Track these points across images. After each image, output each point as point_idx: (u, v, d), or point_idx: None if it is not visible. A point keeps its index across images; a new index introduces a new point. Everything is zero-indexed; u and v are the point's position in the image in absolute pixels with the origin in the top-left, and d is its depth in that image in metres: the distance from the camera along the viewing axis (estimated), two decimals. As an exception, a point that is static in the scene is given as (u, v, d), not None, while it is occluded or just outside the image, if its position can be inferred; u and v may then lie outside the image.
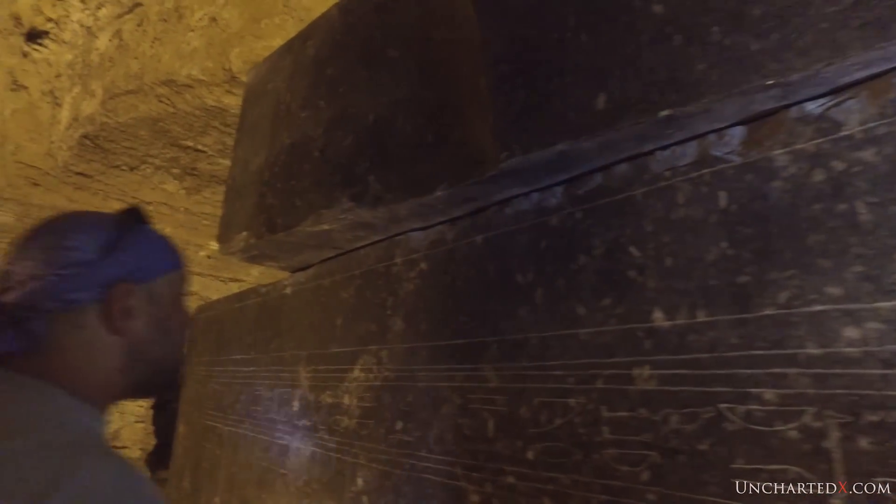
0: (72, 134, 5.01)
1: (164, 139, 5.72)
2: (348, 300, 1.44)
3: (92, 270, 0.64)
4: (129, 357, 0.67)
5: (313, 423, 1.47)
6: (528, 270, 1.00)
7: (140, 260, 0.68)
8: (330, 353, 1.45)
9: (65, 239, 0.64)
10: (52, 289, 0.62)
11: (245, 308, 2.05)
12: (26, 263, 0.63)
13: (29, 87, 3.77)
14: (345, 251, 1.51)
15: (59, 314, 0.63)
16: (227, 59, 5.73)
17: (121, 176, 5.40)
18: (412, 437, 1.14)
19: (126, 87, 5.33)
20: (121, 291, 0.65)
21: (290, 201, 1.42)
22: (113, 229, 0.67)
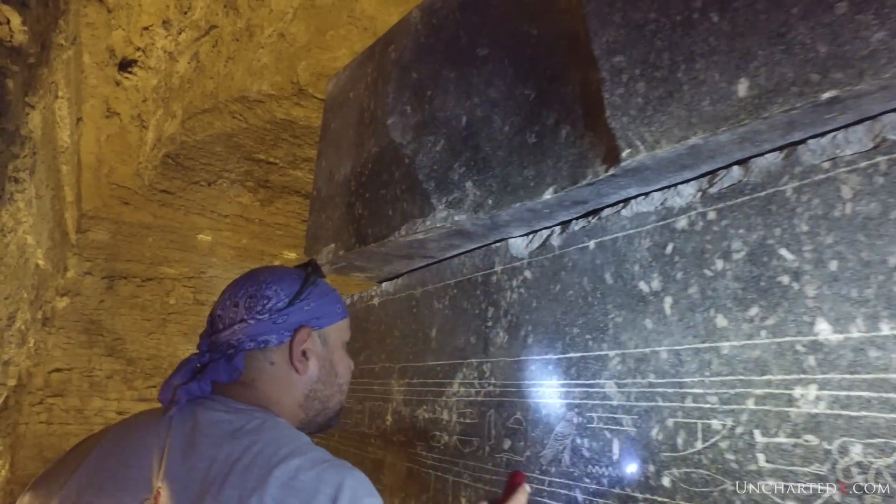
0: (156, 154, 5.36)
1: (238, 153, 6.01)
2: (443, 311, 1.41)
3: (282, 316, 0.76)
4: (306, 394, 0.78)
5: (409, 439, 1.45)
6: (654, 277, 0.93)
7: (318, 309, 0.79)
8: (425, 367, 1.43)
9: (262, 289, 0.77)
10: (251, 331, 0.74)
11: (330, 319, 2.08)
12: (233, 309, 0.76)
13: (120, 114, 4.06)
14: (437, 260, 1.49)
15: (255, 351, 0.75)
16: (295, 73, 5.95)
17: (199, 191, 5.72)
18: (522, 457, 1.09)
19: (202, 105, 5.64)
20: (302, 335, 0.76)
21: (380, 211, 1.41)
22: (298, 282, 0.79)
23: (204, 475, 0.63)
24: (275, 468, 0.62)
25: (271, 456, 0.63)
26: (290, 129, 6.28)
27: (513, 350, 1.17)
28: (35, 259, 3.33)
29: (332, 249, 1.57)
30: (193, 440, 0.67)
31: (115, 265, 5.39)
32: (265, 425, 0.69)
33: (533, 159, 1.10)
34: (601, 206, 1.07)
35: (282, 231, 6.25)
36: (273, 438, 0.66)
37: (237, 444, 0.65)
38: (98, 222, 5.32)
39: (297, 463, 0.63)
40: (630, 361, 0.93)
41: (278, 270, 0.82)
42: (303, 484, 0.61)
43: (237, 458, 0.64)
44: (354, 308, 1.88)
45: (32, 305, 3.65)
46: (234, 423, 0.69)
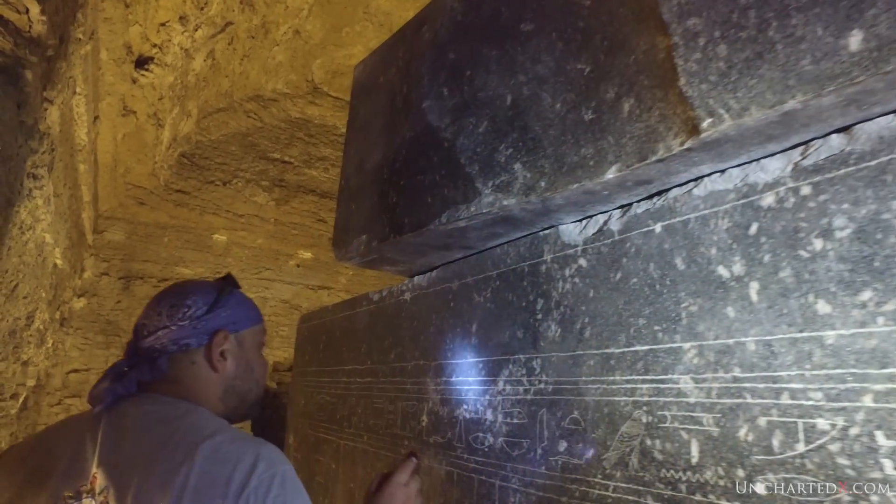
0: (171, 153, 5.33)
1: (253, 153, 5.96)
2: (484, 304, 1.33)
3: (201, 322, 0.88)
4: (224, 389, 0.91)
5: (447, 440, 1.36)
6: (735, 261, 0.84)
7: (234, 315, 0.92)
8: (465, 364, 1.35)
9: (183, 299, 0.89)
10: (173, 335, 0.86)
11: (356, 316, 2.00)
12: (156, 318, 0.87)
13: (137, 112, 4.02)
14: (476, 251, 1.40)
15: (177, 354, 0.87)
16: (310, 71, 5.90)
17: (215, 191, 5.68)
18: (581, 460, 1.00)
19: (218, 105, 5.60)
20: (219, 338, 0.89)
21: (418, 198, 1.33)
22: (216, 292, 0.92)
23: (133, 457, 0.73)
24: (200, 444, 0.72)
25: (196, 434, 0.74)
26: (305, 128, 6.23)
27: (567, 344, 1.08)
28: (53, 258, 3.29)
29: (364, 241, 1.49)
30: (123, 430, 0.77)
31: (131, 266, 5.36)
32: (188, 413, 0.80)
33: (591, 137, 1.01)
34: (668, 187, 0.98)
35: (297, 231, 6.20)
36: (196, 422, 0.78)
37: (164, 429, 0.76)
38: (114, 223, 5.29)
39: (219, 439, 0.74)
40: (709, 354, 0.84)
41: (198, 283, 0.94)
42: (226, 454, 0.72)
43: (164, 440, 0.74)
44: (384, 304, 1.80)
45: (51, 305, 3.62)
46: (160, 412, 0.80)
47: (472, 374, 1.32)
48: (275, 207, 6.04)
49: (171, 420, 0.78)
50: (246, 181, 5.89)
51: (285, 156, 6.13)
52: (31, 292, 2.90)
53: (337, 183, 6.57)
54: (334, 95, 6.21)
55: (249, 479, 0.70)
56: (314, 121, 6.27)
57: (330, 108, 6.26)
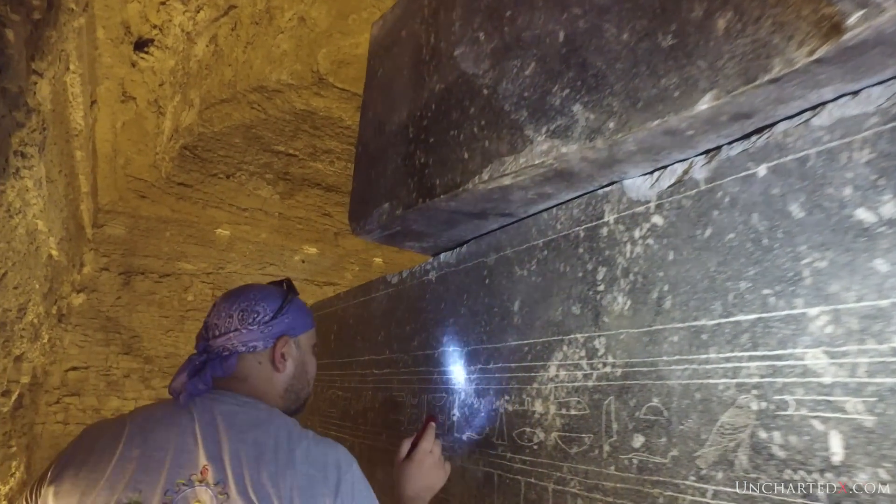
0: (173, 145, 5.15)
1: (257, 145, 5.79)
2: (528, 278, 1.14)
3: (268, 327, 0.96)
4: (285, 388, 0.99)
5: (484, 437, 1.18)
6: (882, 201, 0.65)
7: (294, 321, 1.00)
8: (506, 348, 1.16)
9: (253, 305, 0.96)
10: (243, 338, 0.94)
11: (372, 302, 1.81)
12: (228, 320, 0.95)
13: (136, 98, 3.85)
14: (516, 219, 1.22)
15: (245, 354, 0.95)
16: (315, 61, 5.72)
17: (218, 184, 5.50)
18: (666, 458, 0.81)
19: (220, 95, 5.43)
20: (282, 342, 0.97)
21: (452, 156, 1.15)
22: (280, 299, 0.99)
23: (240, 456, 0.80)
24: (296, 448, 0.83)
25: (288, 439, 0.84)
26: (310, 120, 6.06)
27: (640, 318, 0.89)
28: (48, 248, 3.11)
29: (386, 210, 1.30)
30: (218, 427, 0.83)
31: (131, 260, 5.19)
32: (273, 416, 0.89)
33: (673, 65, 0.82)
34: (771, 122, 0.80)
35: (302, 225, 6.03)
36: (283, 424, 0.88)
37: (260, 431, 0.85)
38: (114, 216, 5.12)
39: (306, 443, 0.85)
40: (850, 321, 0.65)
41: (265, 289, 1.01)
42: (315, 457, 0.84)
43: (264, 441, 0.83)
44: (404, 286, 1.61)
45: (46, 299, 3.44)
46: (248, 414, 0.87)
47: (515, 359, 1.13)
48: (279, 201, 5.86)
49: (263, 423, 0.87)
50: (250, 174, 5.72)
51: (290, 148, 5.95)
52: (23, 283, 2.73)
53: (343, 176, 6.39)
54: (340, 87, 6.04)
55: (340, 479, 0.83)
56: (319, 113, 6.10)
57: (336, 100, 6.09)
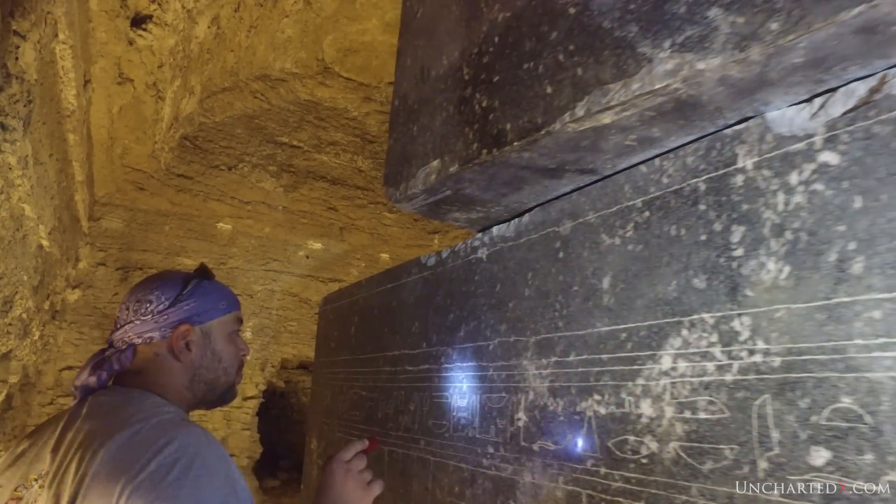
0: (173, 134, 4.90)
1: (260, 136, 5.54)
2: (621, 248, 0.90)
3: (163, 317, 0.90)
4: (190, 378, 0.92)
5: (565, 447, 0.94)
6: None
7: (198, 307, 0.93)
8: (593, 335, 0.92)
9: (147, 294, 0.91)
10: (137, 329, 0.89)
11: (402, 289, 1.57)
12: (125, 312, 0.91)
13: (134, 80, 3.60)
14: (600, 176, 0.98)
15: (141, 346, 0.90)
16: (320, 49, 5.47)
17: (219, 176, 5.25)
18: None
19: (222, 83, 5.18)
20: (181, 331, 0.91)
21: (528, 92, 0.90)
22: (180, 286, 0.93)
23: (71, 445, 0.75)
24: (117, 432, 0.73)
25: (122, 422, 0.75)
26: (315, 111, 5.81)
27: (810, 289, 0.65)
28: (37, 237, 2.86)
29: (435, 168, 1.06)
30: (77, 419, 0.80)
31: (129, 255, 4.94)
32: (132, 401, 0.82)
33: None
34: None
35: (306, 219, 5.78)
36: (132, 410, 0.79)
37: (104, 417, 0.78)
38: (111, 209, 4.87)
39: (139, 426, 0.75)
40: None
41: (165, 276, 0.94)
42: (141, 440, 0.72)
43: (97, 428, 0.76)
44: (445, 268, 1.37)
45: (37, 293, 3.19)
46: (109, 402, 0.82)
47: (608, 349, 0.89)
48: (283, 194, 5.62)
49: (114, 409, 0.80)
50: (252, 166, 5.47)
51: (294, 140, 5.71)
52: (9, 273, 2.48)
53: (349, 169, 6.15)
54: (345, 76, 5.79)
55: (149, 463, 0.69)
56: (324, 103, 5.85)
57: (341, 90, 5.85)
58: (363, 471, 0.90)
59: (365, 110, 5.96)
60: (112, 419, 0.76)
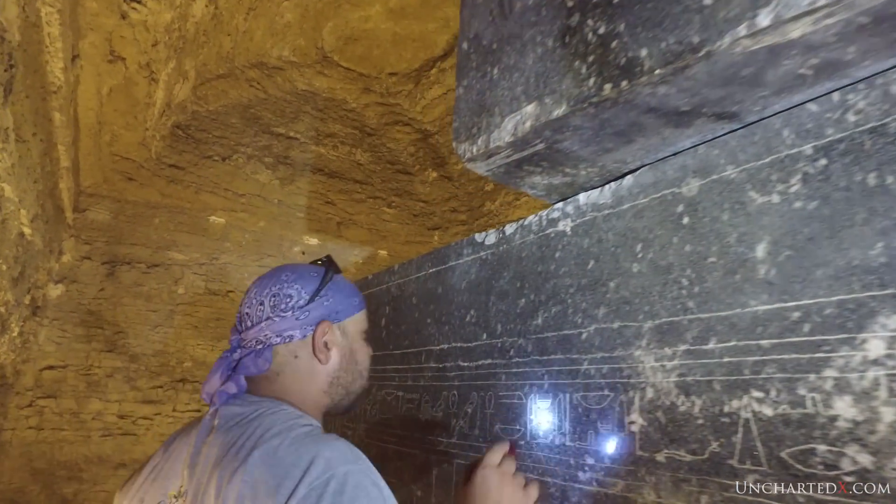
0: (165, 122, 4.62)
1: (256, 126, 5.27)
2: (782, 207, 0.71)
3: (304, 313, 0.81)
4: (330, 381, 0.84)
5: (707, 457, 0.74)
6: None
7: (336, 304, 0.85)
8: (746, 316, 0.72)
9: (284, 288, 0.82)
10: (276, 327, 0.80)
11: (449, 272, 1.36)
12: (259, 308, 0.81)
13: (126, 59, 3.34)
14: (741, 124, 0.78)
15: (281, 346, 0.81)
16: (320, 36, 5.22)
17: (213, 167, 4.97)
18: None
19: (217, 70, 4.91)
20: (323, 328, 0.83)
21: (674, 6, 0.71)
22: (318, 280, 0.84)
23: (207, 461, 0.69)
24: (255, 448, 0.65)
25: (258, 438, 0.67)
26: (313, 102, 5.56)
27: None
28: (17, 223, 2.59)
29: (532, 113, 0.85)
30: (211, 434, 0.72)
31: (117, 249, 4.64)
32: (266, 413, 0.72)
33: None
34: None
35: (303, 214, 5.53)
36: (268, 423, 0.70)
37: (237, 430, 0.70)
38: (98, 200, 4.57)
39: (277, 442, 0.65)
40: None
41: (299, 268, 0.85)
42: (280, 459, 0.63)
43: (233, 441, 0.68)
44: (508, 246, 1.17)
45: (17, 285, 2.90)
46: (242, 413, 0.73)
47: (770, 332, 0.69)
48: (279, 187, 5.36)
49: (247, 421, 0.71)
50: (247, 157, 5.20)
51: (291, 131, 5.45)
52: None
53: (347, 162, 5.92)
54: (345, 66, 5.56)
55: (297, 487, 0.59)
56: (322, 94, 5.61)
57: (340, 80, 5.61)
58: (516, 474, 0.82)
59: (364, 102, 5.73)
60: (248, 434, 0.69)
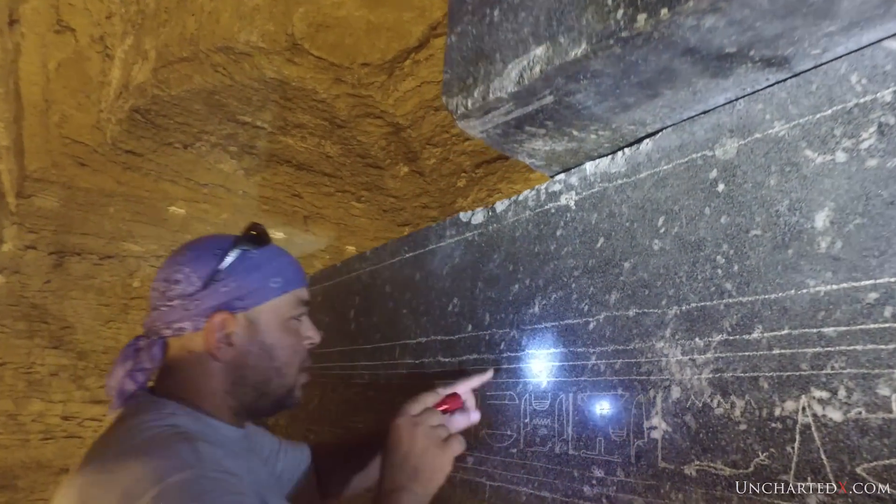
0: (121, 105, 4.30)
1: (221, 114, 4.98)
2: (847, 167, 0.57)
3: (193, 302, 0.67)
4: (233, 381, 0.69)
5: (754, 471, 0.60)
6: None
7: (241, 289, 0.69)
8: (800, 299, 0.58)
9: (173, 273, 0.68)
10: (165, 318, 0.68)
11: (429, 256, 1.19)
12: (154, 294, 0.71)
13: (76, 31, 3.05)
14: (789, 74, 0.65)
15: (174, 339, 0.69)
16: (291, 22, 4.97)
17: (174, 154, 4.67)
18: None
19: (180, 52, 4.61)
20: (217, 321, 0.67)
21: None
22: (216, 258, 0.68)
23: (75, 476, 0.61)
24: (92, 461, 0.58)
25: (103, 448, 0.60)
26: (281, 90, 5.31)
27: None
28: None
29: (543, 57, 0.69)
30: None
31: (66, 239, 4.29)
32: (131, 415, 0.63)
33: None
34: None
35: (268, 206, 5.27)
36: (119, 432, 0.62)
37: (101, 441, 0.62)
38: (46, 186, 4.22)
39: (113, 451, 0.58)
40: None
41: (201, 245, 0.71)
42: (105, 478, 0.55)
43: (91, 455, 0.61)
44: (499, 225, 1.01)
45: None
46: (125, 415, 0.65)
47: (838, 318, 0.56)
48: (244, 178, 5.09)
49: (115, 429, 0.63)
50: (211, 145, 4.91)
51: (257, 120, 5.18)
52: None
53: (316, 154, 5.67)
54: (316, 54, 5.32)
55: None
56: (291, 83, 5.35)
57: (310, 69, 5.36)
58: (438, 427, 0.72)
59: (335, 92, 5.50)
60: (101, 443, 0.61)
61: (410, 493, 0.66)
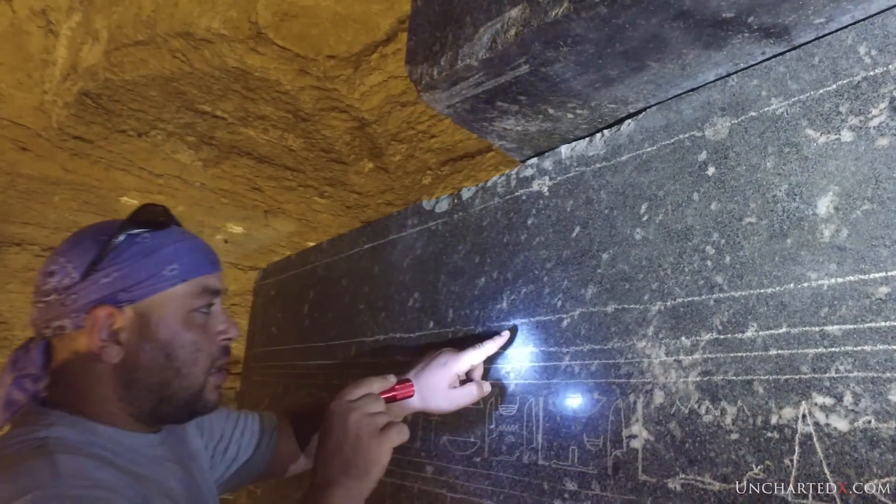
0: (69, 87, 4.01)
1: (178, 102, 4.72)
2: (855, 147, 0.51)
3: (70, 296, 0.58)
4: (124, 384, 0.60)
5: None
6: None
7: (128, 277, 0.59)
8: (800, 294, 0.51)
9: (51, 262, 0.60)
10: (43, 315, 0.59)
11: (389, 248, 1.09)
12: (34, 288, 0.61)
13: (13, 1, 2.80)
14: (788, 47, 0.58)
15: (56, 341, 0.60)
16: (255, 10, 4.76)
17: (127, 142, 4.39)
18: None
19: (136, 35, 4.34)
20: (99, 317, 0.58)
21: None
22: (99, 245, 0.59)
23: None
24: None
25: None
26: (243, 80, 5.07)
27: None
28: None
29: (518, 18, 0.59)
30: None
31: (4, 228, 3.98)
32: (7, 434, 0.55)
33: None
34: None
35: (227, 199, 5.04)
36: (13, 434, 0.55)
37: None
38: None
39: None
40: None
41: (80, 234, 0.62)
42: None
43: None
44: (465, 213, 0.92)
45: None
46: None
47: (844, 314, 0.49)
48: (202, 169, 4.84)
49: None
50: (167, 134, 4.65)
51: (217, 109, 4.93)
52: None
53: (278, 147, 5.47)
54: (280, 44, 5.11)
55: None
56: (254, 73, 5.11)
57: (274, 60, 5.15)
58: (376, 414, 0.63)
59: (299, 84, 5.30)
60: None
61: (342, 487, 0.58)
